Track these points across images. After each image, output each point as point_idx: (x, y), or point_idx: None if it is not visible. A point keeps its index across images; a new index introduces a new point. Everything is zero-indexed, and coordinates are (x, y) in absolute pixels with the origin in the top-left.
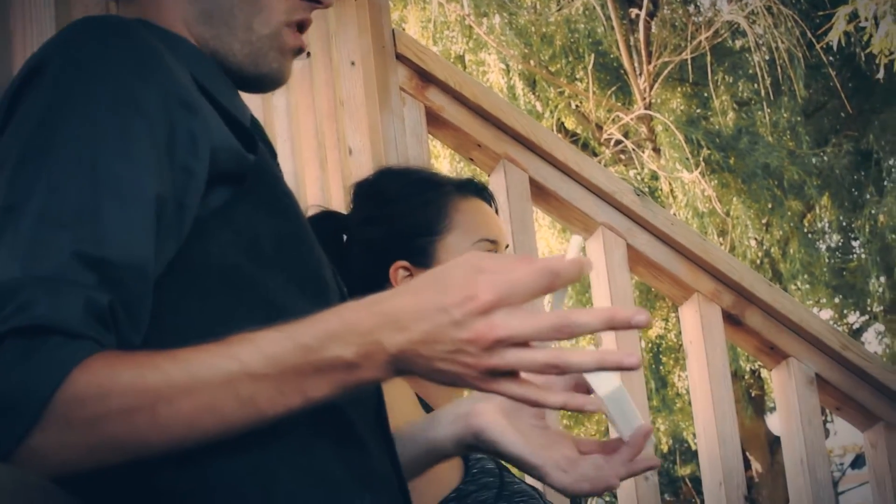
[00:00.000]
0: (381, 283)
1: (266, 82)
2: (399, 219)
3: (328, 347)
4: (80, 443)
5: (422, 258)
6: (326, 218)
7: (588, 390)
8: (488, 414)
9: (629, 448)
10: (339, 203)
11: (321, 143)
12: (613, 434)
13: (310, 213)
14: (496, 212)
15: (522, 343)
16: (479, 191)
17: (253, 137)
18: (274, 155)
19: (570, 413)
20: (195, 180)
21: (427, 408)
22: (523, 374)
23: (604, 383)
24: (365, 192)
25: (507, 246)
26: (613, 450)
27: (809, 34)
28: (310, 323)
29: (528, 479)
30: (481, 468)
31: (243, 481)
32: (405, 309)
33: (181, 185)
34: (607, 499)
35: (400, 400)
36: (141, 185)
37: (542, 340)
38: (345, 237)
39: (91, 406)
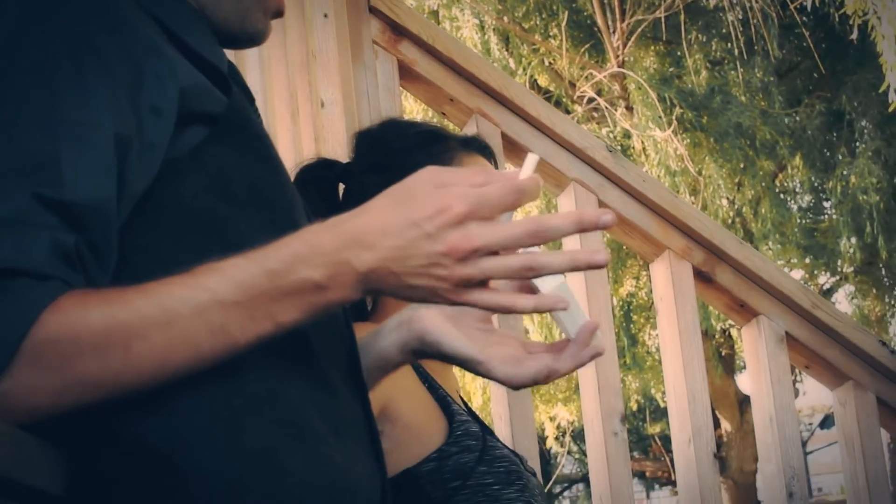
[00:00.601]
0: None
1: (246, 40)
2: (403, 169)
3: (296, 270)
4: (51, 385)
5: None
6: (324, 166)
7: (531, 291)
8: (431, 317)
9: (575, 344)
10: (310, 155)
11: (293, 95)
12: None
13: (305, 161)
14: (497, 169)
15: (494, 252)
16: (482, 148)
17: (226, 79)
18: (251, 100)
19: None
20: (164, 120)
21: (421, 370)
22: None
23: (547, 281)
24: (369, 141)
25: None
26: (561, 349)
27: None
28: (275, 248)
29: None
30: (465, 430)
31: (208, 427)
32: (371, 227)
33: (149, 125)
34: (577, 456)
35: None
36: (100, 128)
37: (517, 247)
38: (341, 186)
39: (63, 347)
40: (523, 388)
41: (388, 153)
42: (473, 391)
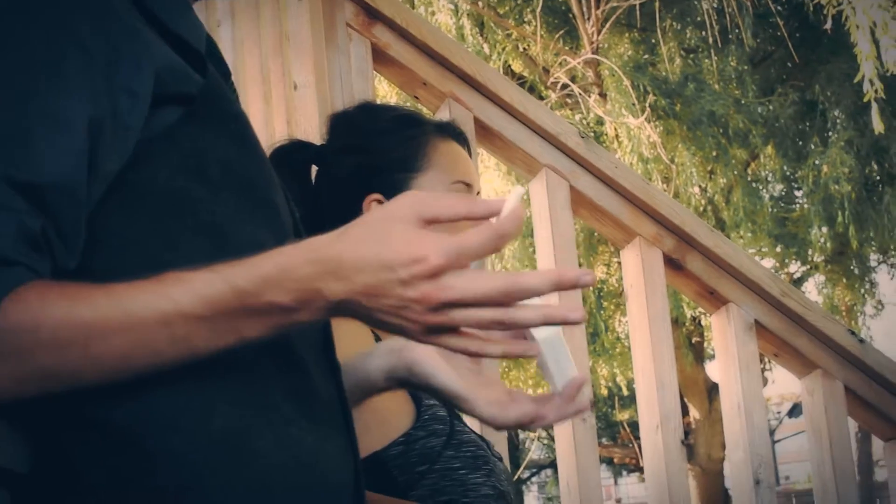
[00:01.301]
0: (351, 214)
1: None
2: (377, 152)
3: (264, 293)
4: (7, 374)
5: (397, 193)
6: (297, 148)
7: (526, 335)
8: (423, 349)
9: (561, 398)
10: (283, 137)
11: (266, 77)
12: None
13: (278, 143)
14: (470, 156)
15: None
16: (456, 134)
17: (203, 60)
18: (227, 75)
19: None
20: (139, 101)
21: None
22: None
23: (543, 329)
24: (343, 123)
25: (478, 192)
26: (545, 402)
27: None
28: (246, 267)
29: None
30: (433, 415)
31: (178, 411)
32: (346, 259)
33: (124, 107)
34: (545, 441)
35: (356, 336)
36: (72, 110)
37: (490, 305)
38: (314, 168)
39: (22, 337)
40: (506, 429)
41: (363, 136)
42: None
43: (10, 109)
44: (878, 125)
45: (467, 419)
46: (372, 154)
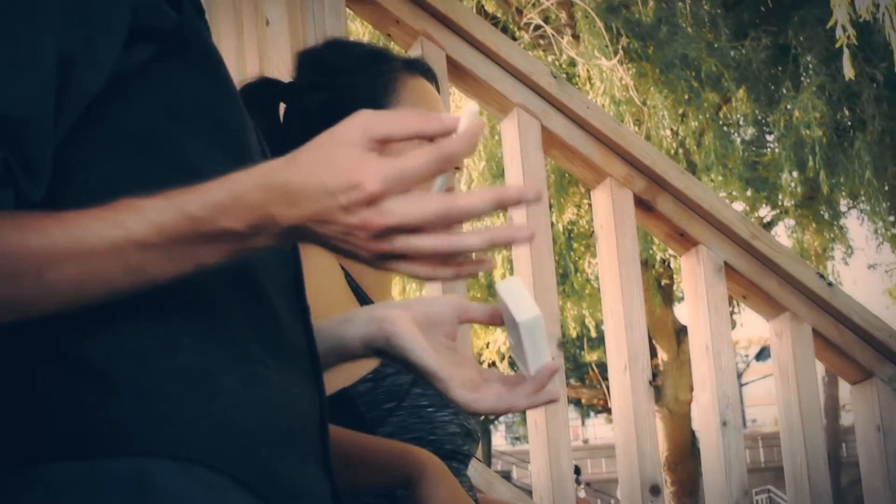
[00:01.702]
0: None
1: None
2: (345, 88)
3: (217, 220)
4: None
5: None
6: (266, 85)
7: (505, 319)
8: (403, 322)
9: (532, 383)
10: (255, 73)
11: (238, 12)
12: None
13: (247, 80)
14: (439, 93)
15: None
16: (425, 70)
17: None
18: (201, 12)
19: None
20: (113, 36)
21: (354, 285)
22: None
23: (523, 309)
24: (312, 60)
25: None
26: (515, 384)
27: None
28: (198, 193)
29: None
30: None
31: (144, 345)
32: (294, 185)
33: (98, 40)
34: None
35: (325, 278)
36: (40, 42)
37: (431, 228)
38: (282, 106)
39: None
40: (478, 414)
41: (331, 72)
42: None
43: None
44: (848, 71)
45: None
46: (340, 90)
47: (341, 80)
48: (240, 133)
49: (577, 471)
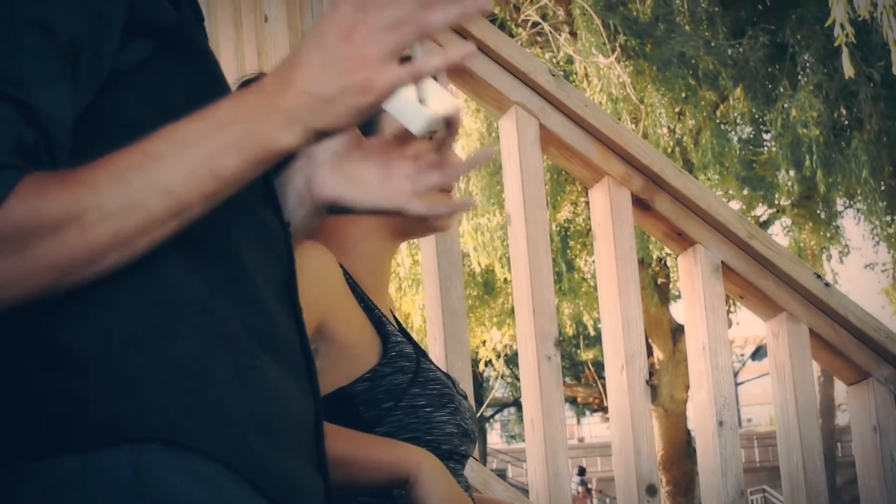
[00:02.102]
0: None
1: None
2: None
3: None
4: (10, 270)
5: (366, 128)
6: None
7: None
8: (327, 182)
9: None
10: (253, 69)
11: (237, 8)
12: None
13: (246, 76)
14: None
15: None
16: None
17: None
18: (200, 18)
19: None
20: (110, 28)
21: (353, 283)
22: None
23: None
24: None
25: None
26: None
27: None
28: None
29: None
30: (399, 352)
31: (139, 334)
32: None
33: (97, 32)
34: (509, 380)
35: (325, 276)
36: (56, 30)
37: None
38: None
39: (25, 230)
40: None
41: None
42: (412, 311)
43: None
44: (848, 70)
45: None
46: None
47: None
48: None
49: (582, 471)
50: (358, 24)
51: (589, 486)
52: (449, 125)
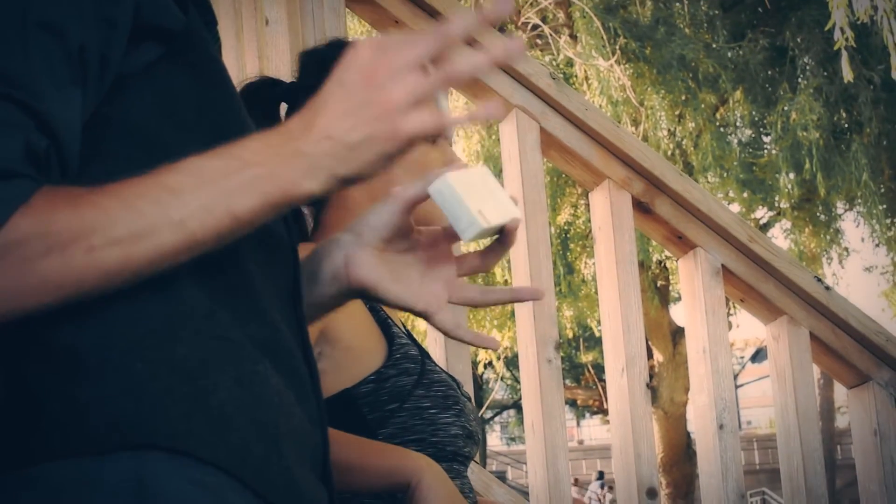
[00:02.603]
0: None
1: None
2: None
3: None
4: (14, 286)
5: None
6: (268, 85)
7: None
8: (367, 267)
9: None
10: (254, 73)
11: (238, 12)
12: None
13: (249, 79)
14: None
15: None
16: None
17: (185, 1)
18: (212, 22)
19: None
20: (117, 32)
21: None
22: None
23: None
24: (315, 60)
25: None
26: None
27: None
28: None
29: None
30: (404, 354)
31: (141, 339)
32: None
33: (104, 36)
34: (508, 382)
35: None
36: (65, 35)
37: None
38: (283, 105)
39: (32, 243)
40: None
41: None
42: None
43: (7, 32)
44: (847, 73)
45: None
46: None
47: None
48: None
49: (601, 475)
50: (379, 66)
51: (607, 490)
52: (503, 237)
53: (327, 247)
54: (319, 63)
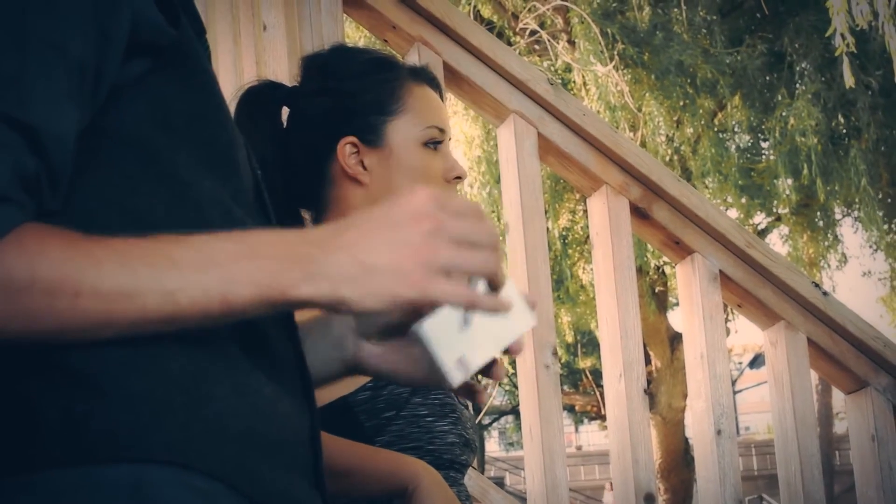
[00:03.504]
0: (324, 155)
1: None
2: (352, 94)
3: (291, 298)
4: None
5: (371, 136)
6: (271, 88)
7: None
8: (382, 358)
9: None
10: (251, 77)
11: (235, 17)
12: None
13: (252, 83)
14: (443, 101)
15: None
16: (430, 79)
17: (177, 10)
18: (201, 32)
19: None
20: (114, 48)
21: None
22: None
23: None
24: (318, 65)
25: (449, 138)
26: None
27: None
28: (268, 264)
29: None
30: None
31: (136, 351)
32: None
33: (101, 51)
34: (507, 388)
35: None
36: (67, 50)
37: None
38: (285, 109)
39: (15, 280)
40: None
41: (338, 78)
42: None
43: (5, 46)
44: (848, 79)
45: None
46: (346, 97)
47: (347, 87)
48: (229, 150)
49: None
50: (432, 218)
51: None
52: (490, 371)
53: (321, 329)
54: (321, 68)
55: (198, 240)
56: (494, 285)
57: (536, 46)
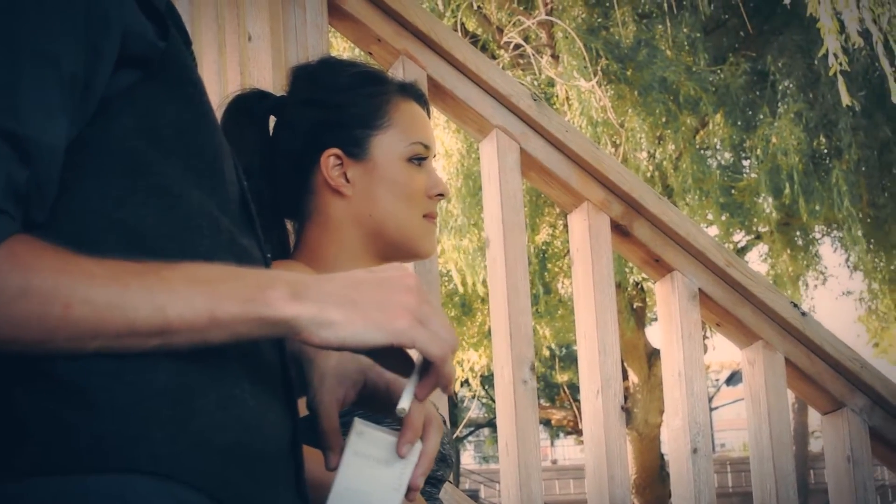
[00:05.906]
0: (308, 165)
1: None
2: (339, 107)
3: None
4: None
5: (356, 149)
6: (258, 97)
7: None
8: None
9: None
10: (236, 88)
11: (220, 27)
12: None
13: (240, 91)
14: (429, 117)
15: None
16: (417, 95)
17: (166, 23)
18: (188, 43)
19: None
20: (104, 62)
21: None
22: None
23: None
24: (306, 76)
25: (434, 155)
26: None
27: None
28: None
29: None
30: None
31: (123, 363)
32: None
33: (92, 66)
34: (484, 400)
35: None
36: (59, 63)
37: None
38: (272, 119)
39: (8, 286)
40: None
41: (326, 90)
42: None
43: (2, 60)
44: (845, 98)
45: None
46: (333, 109)
47: (335, 99)
48: (216, 161)
49: None
50: (416, 296)
51: None
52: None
53: (330, 383)
54: (310, 79)
55: (188, 265)
56: (444, 385)
57: (520, 60)
